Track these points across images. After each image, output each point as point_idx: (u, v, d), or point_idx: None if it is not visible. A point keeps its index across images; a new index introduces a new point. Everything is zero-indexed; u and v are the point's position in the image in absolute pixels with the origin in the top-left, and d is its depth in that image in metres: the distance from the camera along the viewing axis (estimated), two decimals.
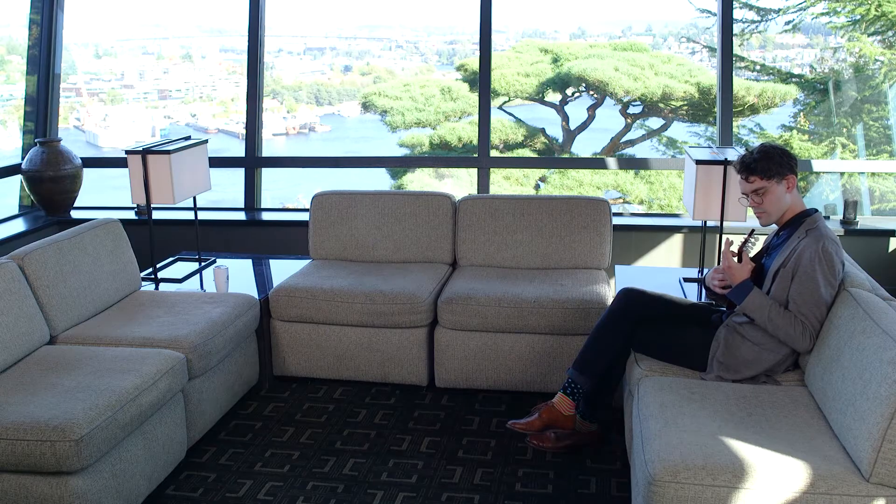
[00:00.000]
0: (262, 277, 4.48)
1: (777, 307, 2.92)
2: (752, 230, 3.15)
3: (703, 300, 3.76)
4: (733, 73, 5.26)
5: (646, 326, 3.21)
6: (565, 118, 9.83)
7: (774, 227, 3.15)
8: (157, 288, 4.23)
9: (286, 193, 11.02)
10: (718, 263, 3.27)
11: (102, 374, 2.99)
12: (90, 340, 3.43)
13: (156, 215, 4.50)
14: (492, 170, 5.71)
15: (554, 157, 9.86)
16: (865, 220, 5.10)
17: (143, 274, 4.35)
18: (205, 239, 5.07)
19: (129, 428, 2.89)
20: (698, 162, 3.80)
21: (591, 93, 9.57)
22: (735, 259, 3.07)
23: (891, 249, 4.89)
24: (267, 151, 5.92)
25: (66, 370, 3.05)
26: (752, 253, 3.15)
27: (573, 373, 3.32)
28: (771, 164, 2.98)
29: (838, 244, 2.96)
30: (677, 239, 5.05)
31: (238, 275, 4.45)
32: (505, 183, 9.16)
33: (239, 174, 5.73)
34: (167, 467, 3.19)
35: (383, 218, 4.50)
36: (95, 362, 3.11)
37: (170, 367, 3.15)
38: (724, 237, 3.45)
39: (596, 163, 8.89)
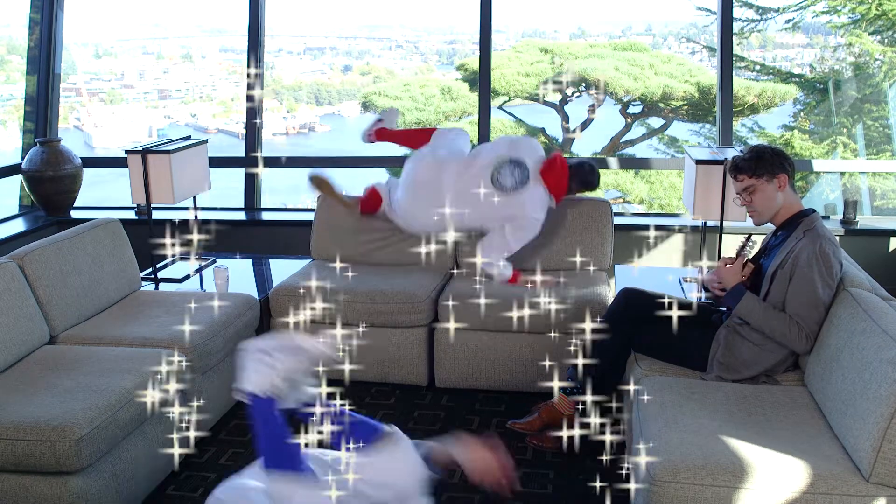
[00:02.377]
0: (262, 277, 4.48)
1: (772, 310, 2.92)
2: (750, 234, 3.14)
3: (702, 300, 3.76)
4: (733, 72, 5.26)
5: (646, 326, 3.21)
6: (565, 118, 9.82)
7: (773, 227, 3.14)
8: (157, 288, 4.23)
9: (286, 193, 10.99)
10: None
11: (102, 374, 2.99)
12: (90, 340, 3.43)
13: (156, 215, 4.50)
14: None
15: None
16: (865, 220, 5.10)
17: (143, 274, 4.35)
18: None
19: (129, 428, 2.90)
20: (698, 162, 3.80)
21: (591, 93, 9.56)
22: (733, 262, 3.06)
23: (891, 249, 4.89)
24: (267, 151, 5.92)
25: (66, 370, 3.05)
26: (752, 255, 3.14)
27: (573, 373, 3.32)
28: (760, 162, 2.98)
29: (836, 244, 2.95)
30: (677, 239, 5.05)
31: (238, 275, 4.45)
32: None
33: (239, 174, 5.73)
34: (167, 467, 3.19)
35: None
36: (95, 362, 3.11)
37: (170, 367, 3.15)
38: (724, 240, 3.45)
39: (596, 163, 8.86)
